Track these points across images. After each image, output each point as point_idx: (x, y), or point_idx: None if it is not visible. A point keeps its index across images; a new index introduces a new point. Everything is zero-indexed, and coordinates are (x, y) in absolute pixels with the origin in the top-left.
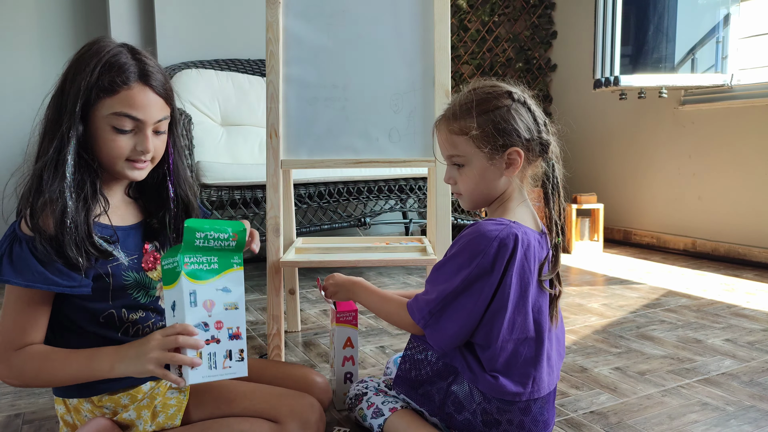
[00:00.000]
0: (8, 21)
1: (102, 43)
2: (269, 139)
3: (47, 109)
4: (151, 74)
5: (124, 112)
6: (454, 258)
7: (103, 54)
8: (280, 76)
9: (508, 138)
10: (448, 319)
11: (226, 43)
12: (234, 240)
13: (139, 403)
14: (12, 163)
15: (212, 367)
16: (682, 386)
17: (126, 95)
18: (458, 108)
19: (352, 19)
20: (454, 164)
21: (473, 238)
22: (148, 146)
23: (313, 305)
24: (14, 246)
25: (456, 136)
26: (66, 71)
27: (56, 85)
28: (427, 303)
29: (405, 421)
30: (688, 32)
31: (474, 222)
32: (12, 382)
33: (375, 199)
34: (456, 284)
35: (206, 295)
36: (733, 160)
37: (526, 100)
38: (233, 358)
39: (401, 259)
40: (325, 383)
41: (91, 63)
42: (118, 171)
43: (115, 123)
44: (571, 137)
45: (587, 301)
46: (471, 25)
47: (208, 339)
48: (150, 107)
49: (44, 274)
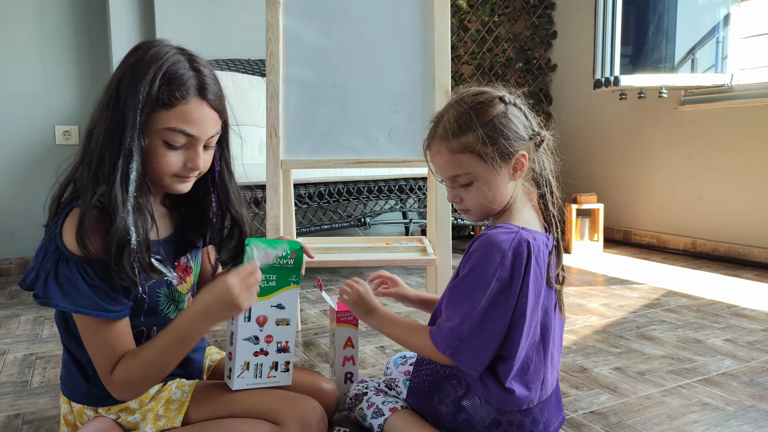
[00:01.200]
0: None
1: (159, 47)
2: (269, 139)
3: (99, 118)
4: (208, 87)
5: (179, 127)
6: (471, 275)
7: (162, 62)
8: (280, 76)
9: (512, 144)
10: (477, 341)
11: (226, 43)
12: (292, 258)
13: (146, 407)
14: (12, 163)
15: (258, 376)
16: (682, 386)
17: (183, 110)
18: (454, 124)
19: (352, 19)
20: (459, 184)
21: (487, 252)
22: (198, 164)
23: (313, 305)
24: (60, 266)
25: (459, 154)
26: (120, 76)
27: (110, 89)
28: (451, 330)
29: (405, 422)
30: (688, 32)
31: (482, 233)
32: (128, 396)
33: (375, 199)
34: (480, 304)
35: (260, 311)
36: (733, 160)
37: (515, 101)
38: (279, 369)
39: (401, 259)
40: (333, 389)
41: (150, 71)
42: (164, 185)
43: (169, 138)
44: (571, 137)
45: (587, 301)
46: (471, 25)
47: (256, 351)
48: (205, 123)
49: (93, 299)
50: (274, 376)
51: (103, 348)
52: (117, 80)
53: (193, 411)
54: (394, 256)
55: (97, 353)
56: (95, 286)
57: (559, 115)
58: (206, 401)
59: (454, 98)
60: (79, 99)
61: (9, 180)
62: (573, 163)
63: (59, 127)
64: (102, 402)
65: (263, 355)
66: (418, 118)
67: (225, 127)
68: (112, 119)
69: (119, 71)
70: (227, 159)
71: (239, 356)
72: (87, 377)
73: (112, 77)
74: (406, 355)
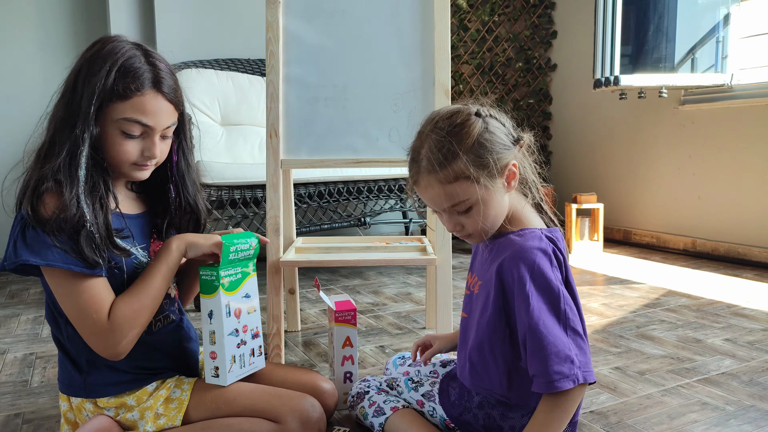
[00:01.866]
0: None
1: (115, 42)
2: (269, 138)
3: (56, 107)
4: (163, 80)
5: (134, 118)
6: (541, 295)
7: (118, 56)
8: (280, 76)
9: (499, 157)
10: (584, 345)
11: (226, 43)
12: (253, 249)
13: (144, 404)
14: (12, 162)
15: (243, 366)
16: (682, 386)
17: (138, 101)
18: (438, 154)
19: (352, 18)
20: (457, 212)
21: (537, 266)
22: (155, 152)
23: (312, 305)
24: (27, 231)
25: (451, 184)
26: (77, 69)
27: (67, 82)
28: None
29: (406, 421)
30: (688, 32)
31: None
32: (127, 341)
33: (375, 198)
34: (567, 312)
35: (235, 305)
36: (732, 160)
37: (490, 112)
38: (255, 354)
39: (401, 259)
40: (332, 389)
41: (106, 64)
42: (123, 172)
43: (125, 128)
44: (571, 137)
45: (587, 300)
46: (471, 24)
47: (238, 343)
48: (160, 114)
49: (63, 255)
50: (253, 363)
51: (85, 304)
52: (74, 73)
53: (193, 410)
54: (394, 256)
55: (79, 311)
56: (62, 243)
57: (558, 114)
58: (206, 401)
59: (428, 126)
60: None
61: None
62: (573, 162)
63: None
64: (98, 392)
65: (243, 345)
66: (418, 117)
67: (182, 118)
68: (67, 108)
69: (77, 65)
70: (185, 149)
71: (227, 352)
72: (80, 368)
73: (70, 71)
74: (404, 355)
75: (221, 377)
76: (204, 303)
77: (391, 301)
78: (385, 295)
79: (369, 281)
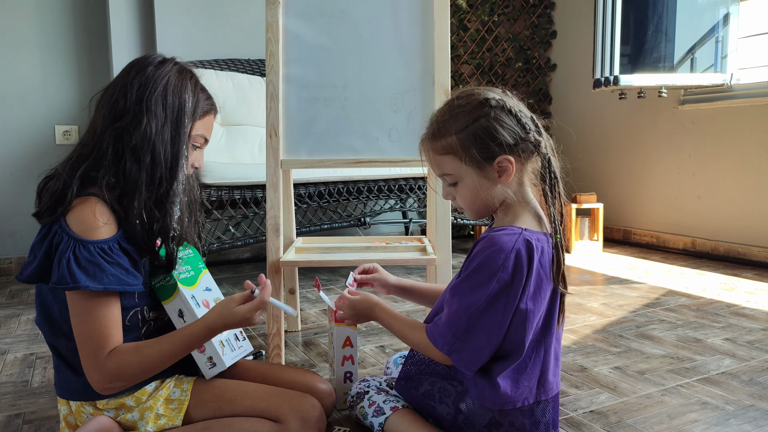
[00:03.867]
0: (8, 21)
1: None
2: (269, 138)
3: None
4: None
5: (204, 135)
6: (472, 276)
7: (189, 76)
8: (280, 76)
9: (492, 148)
10: (475, 339)
11: (226, 43)
12: (191, 252)
13: (143, 405)
14: (13, 163)
15: (233, 349)
16: (682, 385)
17: (209, 121)
18: (437, 126)
19: (351, 19)
20: (447, 182)
21: (490, 253)
22: (203, 162)
23: (312, 305)
24: (78, 251)
25: (440, 156)
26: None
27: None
28: (449, 327)
29: (406, 420)
30: (688, 32)
31: (484, 235)
32: (111, 387)
33: (375, 198)
34: (479, 303)
35: (200, 297)
36: (732, 160)
37: (505, 104)
38: (239, 338)
39: (401, 259)
40: (329, 389)
41: (185, 83)
42: None
43: (195, 142)
44: (571, 137)
45: (587, 300)
46: (471, 24)
47: None
48: (212, 130)
49: (118, 276)
50: (241, 346)
51: (99, 330)
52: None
53: (194, 410)
54: (394, 256)
55: (91, 335)
56: (114, 263)
57: (558, 114)
58: (207, 400)
59: (449, 97)
60: (79, 99)
61: (9, 180)
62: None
63: (59, 127)
64: (97, 394)
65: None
66: (417, 117)
67: None
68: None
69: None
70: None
71: (214, 339)
72: (78, 372)
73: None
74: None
75: (218, 363)
76: (169, 308)
77: (391, 301)
78: None
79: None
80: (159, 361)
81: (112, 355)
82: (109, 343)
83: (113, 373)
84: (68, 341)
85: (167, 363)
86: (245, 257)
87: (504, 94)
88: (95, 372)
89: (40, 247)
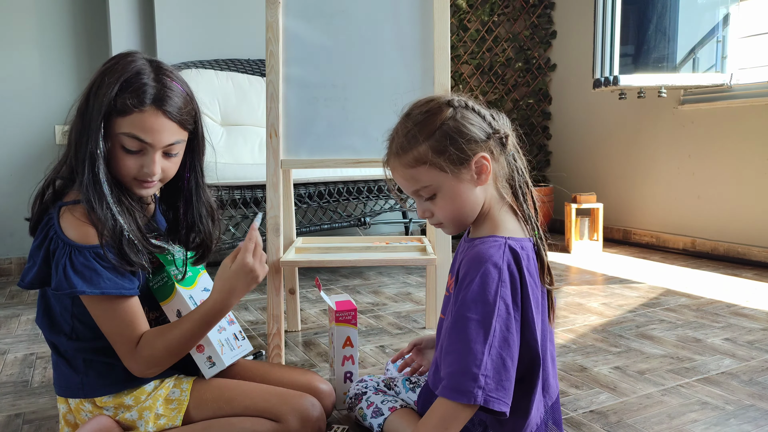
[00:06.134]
0: (8, 21)
1: (130, 58)
2: (269, 138)
3: (75, 118)
4: (167, 99)
5: (132, 133)
6: (474, 304)
7: (126, 71)
8: (280, 76)
9: (467, 148)
10: (504, 373)
11: (226, 43)
12: (185, 253)
13: (142, 404)
14: (13, 163)
15: (232, 348)
16: (682, 385)
17: (137, 118)
18: (403, 139)
19: (351, 19)
20: (423, 197)
21: (483, 272)
22: (153, 170)
23: (313, 305)
24: (74, 256)
25: (413, 169)
26: (92, 82)
27: (83, 94)
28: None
29: (405, 421)
30: (688, 32)
31: (468, 251)
32: (150, 372)
33: (375, 198)
34: (495, 332)
35: (198, 297)
36: (732, 160)
37: (467, 103)
38: (239, 338)
39: (401, 259)
40: (329, 389)
41: (113, 78)
42: (128, 187)
43: (124, 143)
44: (571, 137)
45: (587, 300)
46: (471, 24)
47: (219, 329)
48: (161, 132)
49: (113, 280)
50: (240, 346)
51: (124, 326)
52: (88, 87)
53: (194, 410)
54: (394, 256)
55: (119, 332)
56: (110, 267)
57: (558, 114)
58: (207, 400)
59: (404, 111)
60: None
61: (9, 180)
62: (572, 162)
63: (59, 127)
64: (96, 391)
65: (224, 331)
66: None
67: (194, 138)
68: (81, 122)
69: (93, 78)
70: (196, 168)
71: (212, 339)
72: (77, 369)
73: (87, 84)
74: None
75: (218, 363)
76: (168, 308)
77: (391, 301)
78: (385, 295)
79: (369, 281)
80: (183, 340)
81: (142, 344)
82: (136, 335)
83: (148, 360)
84: (67, 339)
85: (191, 342)
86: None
87: (461, 94)
88: (133, 363)
89: (38, 253)
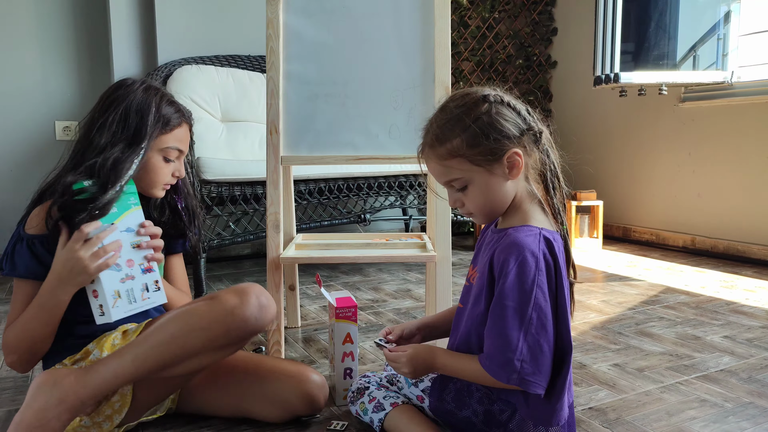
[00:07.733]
0: (8, 21)
1: (149, 83)
2: (269, 135)
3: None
4: (190, 114)
5: (175, 146)
6: (513, 289)
7: (162, 95)
8: (281, 73)
9: (500, 143)
10: (541, 357)
11: (227, 40)
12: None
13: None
14: (13, 159)
15: (132, 301)
16: (681, 383)
17: (179, 132)
18: (439, 131)
19: (352, 15)
20: (455, 188)
21: (522, 261)
22: (183, 172)
23: (312, 301)
24: (17, 245)
25: (447, 160)
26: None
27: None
28: (509, 356)
29: (406, 417)
30: (689, 29)
31: (502, 238)
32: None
33: (375, 195)
34: (532, 317)
35: (111, 238)
36: (732, 158)
37: (503, 98)
38: (150, 289)
39: (401, 256)
40: (321, 380)
41: (146, 105)
42: (152, 192)
43: (169, 155)
44: (571, 134)
45: (586, 297)
46: (471, 21)
47: (122, 278)
48: (188, 140)
49: (27, 267)
50: (148, 298)
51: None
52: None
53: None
54: (394, 253)
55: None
56: (37, 255)
57: (559, 111)
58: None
59: (441, 103)
60: (79, 94)
61: (9, 176)
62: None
63: (59, 123)
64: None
65: (130, 280)
66: (418, 114)
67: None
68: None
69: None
70: (186, 165)
71: (106, 287)
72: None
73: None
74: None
75: (106, 314)
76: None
77: (391, 298)
78: (385, 291)
79: (369, 278)
80: (24, 326)
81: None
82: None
83: (6, 347)
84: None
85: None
86: (245, 253)
87: (498, 89)
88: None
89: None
